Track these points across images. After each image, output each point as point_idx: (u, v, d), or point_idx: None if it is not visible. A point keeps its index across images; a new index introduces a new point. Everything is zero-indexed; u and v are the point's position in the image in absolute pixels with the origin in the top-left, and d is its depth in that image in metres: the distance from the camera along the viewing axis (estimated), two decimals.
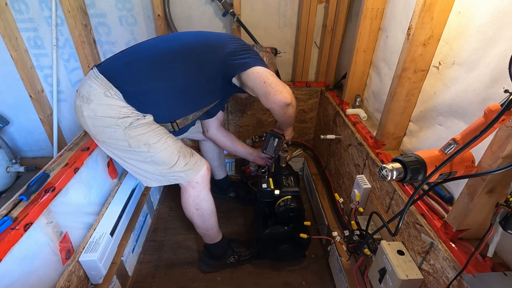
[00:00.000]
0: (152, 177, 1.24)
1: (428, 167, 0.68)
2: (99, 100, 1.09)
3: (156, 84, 1.14)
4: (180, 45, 1.21)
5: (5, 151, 2.04)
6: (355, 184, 1.35)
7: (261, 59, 1.23)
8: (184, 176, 1.24)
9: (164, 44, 1.22)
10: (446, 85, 0.97)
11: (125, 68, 1.14)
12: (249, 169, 2.04)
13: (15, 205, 0.93)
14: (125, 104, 1.11)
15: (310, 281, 1.52)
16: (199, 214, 1.35)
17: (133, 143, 1.15)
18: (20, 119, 2.12)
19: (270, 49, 1.80)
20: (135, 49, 1.21)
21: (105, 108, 1.10)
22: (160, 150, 1.17)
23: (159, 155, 1.18)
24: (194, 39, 1.25)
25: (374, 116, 1.48)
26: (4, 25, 1.72)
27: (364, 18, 1.35)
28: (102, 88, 1.09)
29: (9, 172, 2.05)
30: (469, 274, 0.72)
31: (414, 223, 0.95)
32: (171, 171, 1.21)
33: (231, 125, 2.08)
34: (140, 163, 1.21)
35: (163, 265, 1.59)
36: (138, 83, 1.12)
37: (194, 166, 1.26)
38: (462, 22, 0.90)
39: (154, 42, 1.25)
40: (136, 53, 1.19)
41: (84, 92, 1.11)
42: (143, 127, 1.14)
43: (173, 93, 1.19)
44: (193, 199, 1.30)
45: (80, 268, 1.15)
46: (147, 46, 1.22)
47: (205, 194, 1.32)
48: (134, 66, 1.14)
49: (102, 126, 1.12)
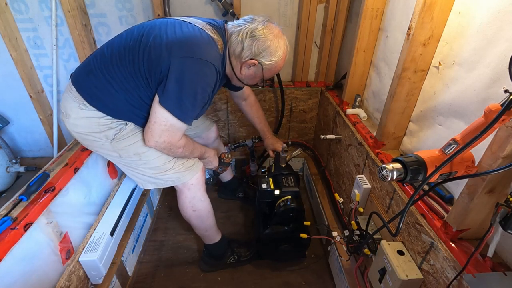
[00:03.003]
0: (147, 179, 1.24)
1: (428, 167, 0.68)
2: (76, 114, 1.07)
3: (115, 91, 1.05)
4: (128, 42, 1.06)
5: (5, 151, 2.04)
6: (355, 184, 1.35)
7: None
8: (180, 177, 1.23)
9: (119, 42, 1.08)
10: (446, 85, 0.96)
11: (87, 76, 1.07)
12: (249, 169, 2.05)
13: (15, 205, 0.93)
14: (101, 114, 1.07)
15: (310, 281, 1.52)
16: (197, 216, 1.35)
17: (123, 154, 1.15)
18: (20, 119, 2.12)
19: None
20: (100, 50, 1.10)
21: (84, 122, 1.08)
22: (153, 158, 1.17)
23: (152, 162, 1.17)
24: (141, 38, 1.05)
25: (374, 116, 1.48)
26: (4, 25, 1.71)
27: (364, 18, 1.35)
28: (76, 101, 1.06)
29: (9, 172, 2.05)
30: (469, 274, 0.72)
31: (414, 223, 0.95)
32: (166, 174, 1.21)
33: (231, 125, 2.08)
34: (134, 168, 1.21)
35: (163, 265, 1.59)
36: (102, 91, 1.05)
37: (191, 168, 1.25)
38: (462, 22, 0.90)
39: (116, 40, 1.10)
40: (100, 55, 1.08)
41: (63, 107, 1.10)
42: (130, 137, 1.12)
43: (133, 100, 1.08)
44: (189, 200, 1.30)
45: (80, 268, 1.15)
46: (108, 46, 1.10)
47: (201, 195, 1.32)
48: (94, 74, 1.05)
49: (89, 140, 1.12)
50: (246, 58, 1.10)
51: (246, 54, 1.09)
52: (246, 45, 1.07)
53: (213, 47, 1.05)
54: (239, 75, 1.18)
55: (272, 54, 1.09)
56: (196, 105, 1.05)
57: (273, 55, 1.10)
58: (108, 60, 1.05)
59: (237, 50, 1.10)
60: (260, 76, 1.17)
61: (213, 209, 1.42)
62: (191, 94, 1.01)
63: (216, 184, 2.09)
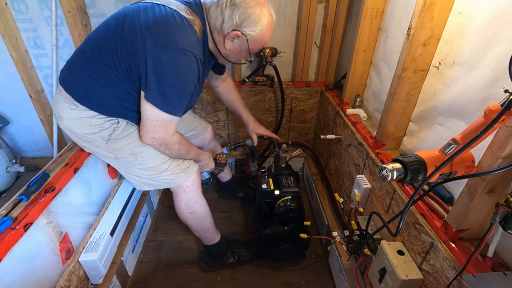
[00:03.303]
0: (143, 181, 1.24)
1: (428, 167, 0.68)
2: (68, 115, 1.06)
3: (101, 86, 1.03)
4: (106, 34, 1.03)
5: (5, 151, 2.04)
6: (355, 184, 1.35)
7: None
8: (175, 179, 1.23)
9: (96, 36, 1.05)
10: (446, 85, 0.96)
11: (72, 75, 1.05)
12: (249, 169, 2.05)
13: (15, 205, 0.93)
14: (93, 113, 1.06)
15: (310, 281, 1.52)
16: (193, 217, 1.35)
17: (118, 155, 1.14)
18: (20, 119, 2.12)
19: (270, 49, 1.80)
20: (81, 47, 1.07)
21: (76, 123, 1.07)
22: (149, 158, 1.16)
23: (148, 162, 1.16)
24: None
25: (374, 116, 1.48)
26: (4, 25, 1.71)
27: (364, 18, 1.35)
28: (66, 101, 1.05)
29: (9, 172, 2.05)
30: (469, 274, 0.72)
31: (414, 223, 0.95)
32: (162, 175, 1.20)
33: (231, 125, 2.08)
34: (130, 169, 1.20)
35: (163, 265, 1.59)
36: (88, 88, 1.03)
37: (186, 170, 1.24)
38: (462, 22, 0.90)
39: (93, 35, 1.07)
40: (81, 52, 1.05)
41: (55, 109, 1.10)
42: (125, 137, 1.11)
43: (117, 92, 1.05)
44: (185, 203, 1.30)
45: (80, 268, 1.15)
46: (87, 42, 1.06)
47: (196, 197, 1.31)
48: (79, 72, 1.03)
49: (85, 141, 1.12)
50: (228, 30, 1.03)
51: (227, 25, 1.02)
52: (227, 15, 1.00)
53: (188, 31, 0.99)
54: (223, 50, 1.11)
55: (255, 23, 1.02)
56: (182, 96, 1.02)
57: (257, 24, 1.02)
58: (89, 56, 1.02)
59: (217, 23, 1.03)
60: (246, 49, 1.09)
61: (213, 209, 1.42)
62: (174, 86, 0.98)
63: (216, 184, 2.09)
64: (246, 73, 1.94)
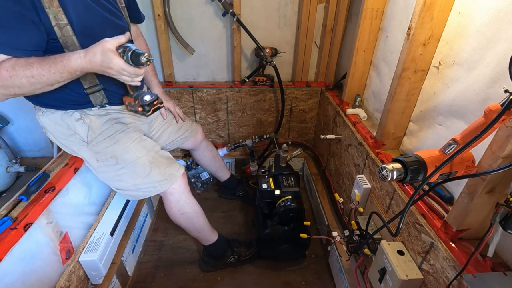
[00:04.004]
0: (126, 193, 1.22)
1: (428, 167, 0.68)
2: (44, 123, 1.09)
3: None
4: None
5: (5, 151, 2.04)
6: (355, 184, 1.35)
7: None
8: (158, 187, 1.20)
9: None
10: (446, 85, 0.97)
11: None
12: (249, 169, 2.05)
13: (15, 205, 0.93)
14: (54, 110, 1.06)
15: (310, 281, 1.52)
16: (185, 218, 1.34)
17: (100, 157, 1.13)
18: (20, 119, 2.11)
19: (270, 49, 1.80)
20: None
21: (54, 128, 1.09)
22: (129, 161, 1.14)
23: (129, 166, 1.14)
24: None
25: (374, 116, 1.48)
26: None
27: (364, 18, 1.35)
28: (36, 110, 1.07)
29: (9, 172, 2.04)
30: (469, 274, 0.72)
31: (414, 223, 0.95)
32: (145, 182, 1.17)
33: (231, 125, 2.08)
34: (112, 174, 1.16)
35: (163, 265, 1.59)
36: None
37: (169, 177, 1.21)
38: (462, 22, 0.90)
39: None
40: None
41: (38, 121, 1.11)
42: (105, 139, 1.11)
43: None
44: (174, 205, 1.29)
45: (80, 268, 1.15)
46: None
47: (185, 198, 1.29)
48: None
49: (70, 144, 1.13)
50: None
51: None
52: None
53: None
54: None
55: None
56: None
57: None
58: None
59: None
60: None
61: (213, 209, 1.42)
62: None
63: (216, 184, 2.09)
64: (246, 73, 1.94)
